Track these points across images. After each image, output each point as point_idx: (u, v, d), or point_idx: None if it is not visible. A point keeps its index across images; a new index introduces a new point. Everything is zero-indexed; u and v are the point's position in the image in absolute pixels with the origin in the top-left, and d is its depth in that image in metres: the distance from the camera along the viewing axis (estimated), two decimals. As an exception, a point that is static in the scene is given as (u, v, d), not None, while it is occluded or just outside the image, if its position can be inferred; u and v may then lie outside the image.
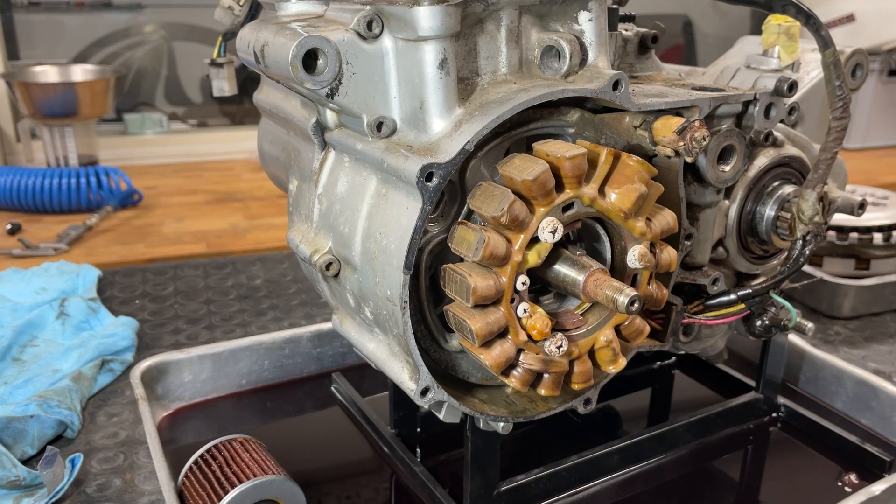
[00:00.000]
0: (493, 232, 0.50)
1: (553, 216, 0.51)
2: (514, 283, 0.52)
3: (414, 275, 0.55)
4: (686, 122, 0.52)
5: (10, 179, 1.56)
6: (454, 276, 0.52)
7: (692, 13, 2.77)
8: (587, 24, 0.59)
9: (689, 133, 0.52)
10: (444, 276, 0.53)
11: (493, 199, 0.50)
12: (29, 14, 2.17)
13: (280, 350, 0.98)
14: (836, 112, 0.67)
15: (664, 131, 0.54)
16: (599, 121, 0.53)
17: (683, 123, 0.52)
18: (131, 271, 1.29)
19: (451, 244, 0.52)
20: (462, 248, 0.51)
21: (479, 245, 0.49)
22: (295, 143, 0.69)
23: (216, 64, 0.87)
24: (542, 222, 0.51)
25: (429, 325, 0.60)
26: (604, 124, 0.53)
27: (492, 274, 0.51)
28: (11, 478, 0.75)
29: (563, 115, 0.52)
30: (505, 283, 0.51)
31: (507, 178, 0.51)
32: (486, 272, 0.51)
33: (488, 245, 0.49)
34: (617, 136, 0.55)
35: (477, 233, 0.50)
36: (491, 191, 0.51)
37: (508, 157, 0.52)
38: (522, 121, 0.56)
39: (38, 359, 0.97)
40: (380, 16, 0.54)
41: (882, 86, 2.14)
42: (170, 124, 2.24)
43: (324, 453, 0.88)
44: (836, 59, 0.65)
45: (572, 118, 0.52)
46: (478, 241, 0.49)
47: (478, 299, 0.50)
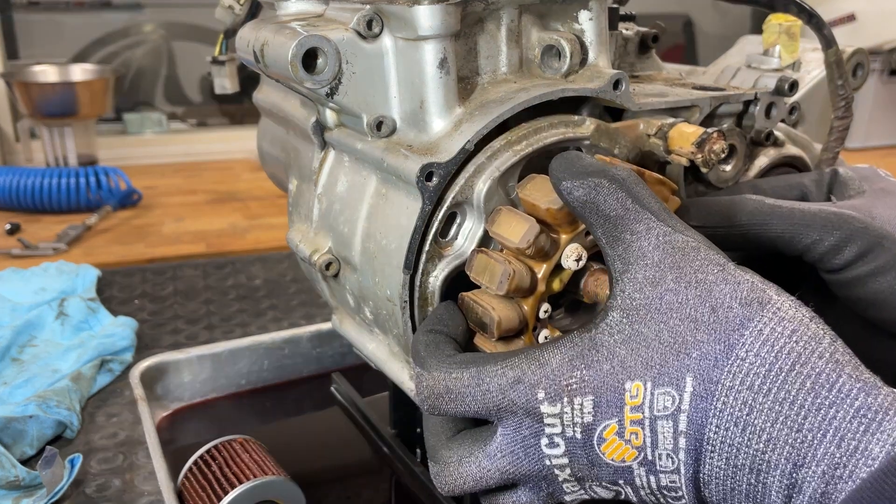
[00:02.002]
0: (516, 262, 0.48)
1: (577, 242, 0.49)
2: (536, 312, 0.50)
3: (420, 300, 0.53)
4: (704, 133, 0.51)
5: (10, 179, 1.55)
6: (474, 307, 0.49)
7: (693, 12, 2.77)
8: (587, 23, 0.59)
9: (707, 145, 0.51)
10: (462, 306, 0.51)
11: (516, 228, 0.47)
12: (28, 14, 2.17)
13: (280, 350, 0.98)
14: (839, 112, 0.66)
15: (681, 141, 0.52)
16: (614, 130, 0.52)
17: (702, 135, 0.51)
18: (131, 271, 1.29)
19: (469, 272, 0.50)
20: (484, 278, 0.48)
21: (505, 278, 0.47)
22: (294, 142, 0.69)
23: (218, 62, 0.87)
24: (567, 250, 0.48)
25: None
26: (618, 133, 0.52)
27: (515, 305, 0.49)
28: (11, 478, 0.75)
29: (578, 127, 0.51)
30: (528, 313, 0.49)
31: (529, 203, 0.49)
32: (509, 303, 0.48)
33: (514, 279, 0.47)
34: (630, 145, 0.55)
35: (501, 264, 0.47)
36: (513, 218, 0.48)
37: (527, 179, 0.50)
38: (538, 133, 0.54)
39: (37, 359, 0.97)
40: (379, 15, 0.54)
41: (883, 85, 2.14)
42: (169, 124, 2.24)
43: (324, 453, 0.88)
44: (838, 58, 0.65)
45: (588, 130, 0.51)
46: (502, 274, 0.47)
47: (502, 333, 0.48)
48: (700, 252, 0.40)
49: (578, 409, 0.40)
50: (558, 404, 0.40)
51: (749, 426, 0.36)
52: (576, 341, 0.41)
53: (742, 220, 0.50)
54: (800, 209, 0.49)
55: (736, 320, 0.38)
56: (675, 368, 0.38)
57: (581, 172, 0.43)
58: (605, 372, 0.39)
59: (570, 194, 0.43)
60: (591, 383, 0.40)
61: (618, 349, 0.40)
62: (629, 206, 0.42)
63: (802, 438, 0.35)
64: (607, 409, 0.39)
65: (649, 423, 0.39)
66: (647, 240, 0.41)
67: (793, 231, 0.49)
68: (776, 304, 0.38)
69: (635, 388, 0.39)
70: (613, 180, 0.42)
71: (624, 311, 0.40)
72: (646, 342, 0.39)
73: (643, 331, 0.39)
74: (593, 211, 0.42)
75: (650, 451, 0.39)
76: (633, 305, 0.40)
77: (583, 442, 0.40)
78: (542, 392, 0.40)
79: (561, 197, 0.44)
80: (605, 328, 0.40)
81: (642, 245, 0.41)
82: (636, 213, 0.41)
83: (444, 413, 0.44)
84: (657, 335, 0.39)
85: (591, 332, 0.41)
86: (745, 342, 0.37)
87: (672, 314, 0.39)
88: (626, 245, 0.41)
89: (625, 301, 0.40)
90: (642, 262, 0.41)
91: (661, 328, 0.39)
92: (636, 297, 0.40)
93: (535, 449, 0.42)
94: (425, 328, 0.48)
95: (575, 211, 0.44)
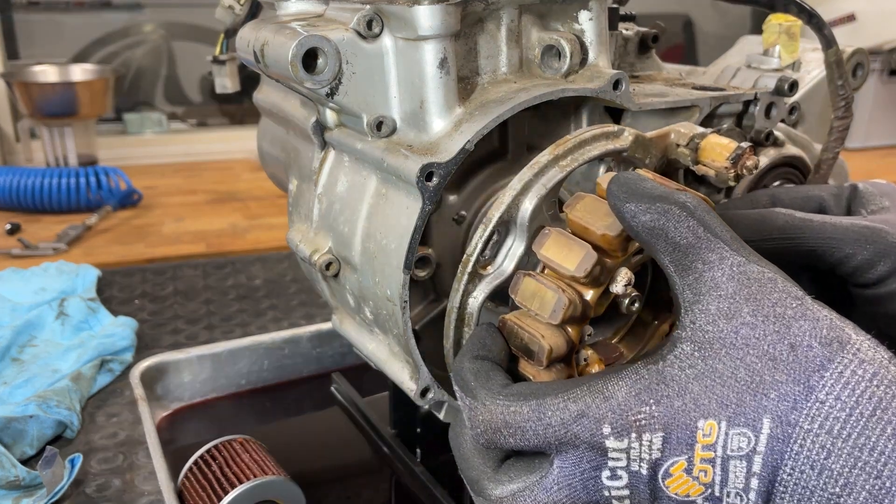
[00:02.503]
0: (569, 289, 0.45)
1: (625, 266, 0.47)
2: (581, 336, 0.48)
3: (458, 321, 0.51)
4: (739, 148, 0.50)
5: (10, 179, 1.55)
6: (519, 333, 0.46)
7: (692, 12, 2.77)
8: (587, 23, 0.59)
9: (742, 161, 0.51)
10: (504, 329, 0.48)
11: (571, 255, 0.44)
12: (28, 14, 2.17)
13: (280, 350, 0.98)
14: (839, 112, 0.66)
15: (713, 154, 0.51)
16: (649, 141, 0.52)
17: (737, 151, 0.50)
18: (130, 271, 1.29)
19: (514, 295, 0.47)
20: (533, 304, 0.45)
21: (560, 308, 0.44)
22: (294, 142, 0.69)
23: (219, 61, 0.88)
24: (617, 275, 0.46)
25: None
26: (651, 144, 0.52)
27: (562, 331, 0.46)
28: (11, 478, 0.75)
29: (618, 139, 0.50)
30: (574, 337, 0.47)
31: (581, 226, 0.46)
32: (556, 329, 0.46)
33: (569, 309, 0.44)
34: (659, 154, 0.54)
35: (554, 292, 0.44)
36: (565, 243, 0.45)
37: (575, 199, 0.47)
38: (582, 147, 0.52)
39: (37, 359, 0.97)
40: (380, 15, 0.54)
41: (883, 85, 2.14)
42: (169, 124, 2.24)
43: (324, 453, 0.88)
44: (838, 58, 0.65)
45: (627, 141, 0.50)
46: (557, 303, 0.44)
47: (550, 360, 0.46)
48: (777, 284, 0.39)
49: (647, 445, 0.38)
50: (625, 439, 0.38)
51: (826, 470, 0.35)
52: (642, 373, 0.39)
53: (773, 235, 0.49)
54: (831, 223, 0.49)
55: (816, 360, 0.37)
56: (751, 409, 0.37)
57: (646, 196, 0.41)
58: (675, 408, 0.38)
59: (634, 219, 0.41)
60: (661, 420, 0.38)
61: (690, 385, 0.38)
62: (700, 234, 0.40)
63: (881, 485, 0.34)
64: (677, 445, 0.38)
65: (721, 461, 0.37)
66: (720, 270, 0.39)
67: (825, 245, 0.48)
68: (855, 344, 0.37)
69: (708, 427, 0.37)
70: (683, 207, 0.40)
71: (695, 344, 0.39)
72: (721, 379, 0.37)
73: (718, 367, 0.38)
74: (661, 238, 0.41)
75: (718, 488, 0.38)
76: (707, 339, 0.38)
77: (648, 477, 0.39)
78: (608, 427, 0.39)
79: (622, 221, 0.42)
80: (674, 361, 0.39)
81: (715, 275, 0.39)
82: (708, 241, 0.40)
83: (500, 447, 0.42)
84: (733, 373, 0.37)
85: (659, 365, 0.39)
86: (825, 384, 0.36)
87: (749, 350, 0.37)
88: (697, 274, 0.40)
89: (696, 333, 0.39)
90: (715, 292, 0.39)
91: (738, 365, 0.37)
92: (709, 329, 0.39)
93: (594, 481, 0.40)
94: (470, 354, 0.45)
95: (638, 236, 0.42)
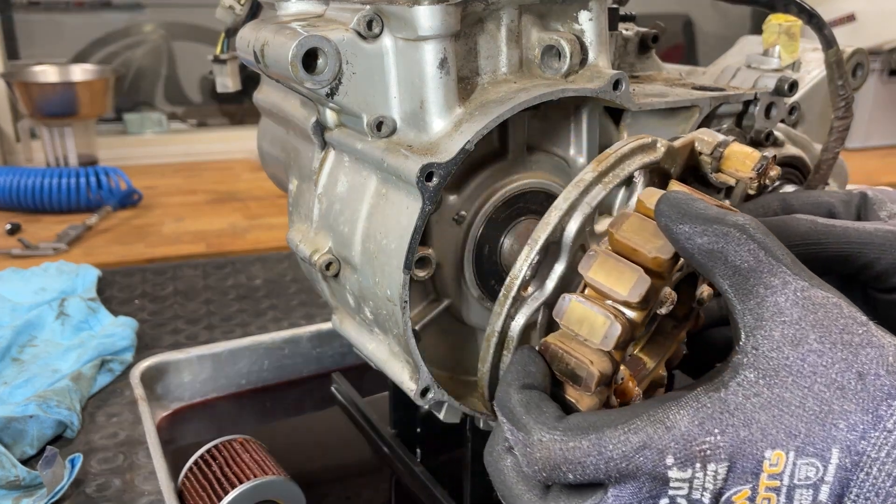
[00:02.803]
0: (618, 314, 0.44)
1: (668, 285, 0.46)
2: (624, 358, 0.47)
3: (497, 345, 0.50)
4: (763, 159, 0.50)
5: (10, 179, 1.55)
6: (564, 358, 0.45)
7: (692, 13, 2.77)
8: (587, 23, 0.59)
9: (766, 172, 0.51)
10: (547, 353, 0.46)
11: (622, 279, 0.43)
12: (28, 14, 2.17)
13: (280, 350, 0.98)
14: (839, 112, 0.66)
15: (737, 164, 0.51)
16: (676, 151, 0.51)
17: (761, 161, 0.50)
18: (131, 271, 1.29)
19: (559, 319, 0.45)
20: (581, 330, 0.44)
21: (613, 335, 0.43)
22: (294, 142, 0.69)
23: (219, 60, 0.88)
24: (663, 296, 0.46)
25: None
26: (678, 154, 0.52)
27: (608, 355, 0.45)
28: (11, 478, 0.75)
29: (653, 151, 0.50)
30: (617, 359, 0.45)
31: (629, 248, 0.44)
32: (603, 354, 0.44)
33: (622, 336, 0.43)
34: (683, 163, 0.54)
35: (605, 318, 0.43)
36: (614, 266, 0.44)
37: (620, 218, 0.45)
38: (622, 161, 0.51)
39: (37, 359, 0.97)
40: (380, 15, 0.54)
41: (882, 86, 2.14)
42: (169, 124, 2.24)
43: (324, 453, 0.88)
44: (838, 58, 0.65)
45: (660, 153, 0.50)
46: (610, 329, 0.43)
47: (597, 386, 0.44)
48: (843, 309, 0.38)
49: (711, 475, 0.38)
50: (689, 469, 0.38)
51: (891, 497, 0.35)
52: (703, 401, 0.38)
53: (796, 241, 0.48)
54: (854, 228, 0.48)
55: (884, 389, 0.36)
56: (821, 439, 0.36)
57: (700, 218, 0.40)
58: (741, 438, 0.37)
59: (689, 241, 0.41)
60: (726, 449, 0.37)
61: (757, 415, 0.37)
62: (762, 257, 0.39)
63: None
64: (742, 474, 0.37)
65: (786, 490, 0.37)
66: (783, 295, 0.38)
67: (849, 250, 0.48)
68: None
69: (776, 457, 0.37)
70: (742, 230, 0.40)
71: (760, 371, 0.38)
72: (789, 409, 0.37)
73: (785, 396, 0.37)
74: (720, 261, 0.40)
75: None
76: (772, 366, 0.38)
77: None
78: (672, 457, 0.38)
79: (675, 243, 0.42)
80: (737, 388, 0.38)
81: (778, 300, 0.38)
82: (770, 265, 0.39)
83: (559, 482, 0.41)
84: (801, 402, 0.37)
85: (721, 393, 0.38)
86: (893, 413, 0.36)
87: (816, 378, 0.37)
88: (759, 299, 0.39)
89: (760, 360, 0.38)
90: (779, 318, 0.38)
91: (806, 394, 0.37)
92: (773, 356, 0.38)
93: None
94: (516, 384, 0.44)
95: (693, 259, 0.41)
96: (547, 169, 0.62)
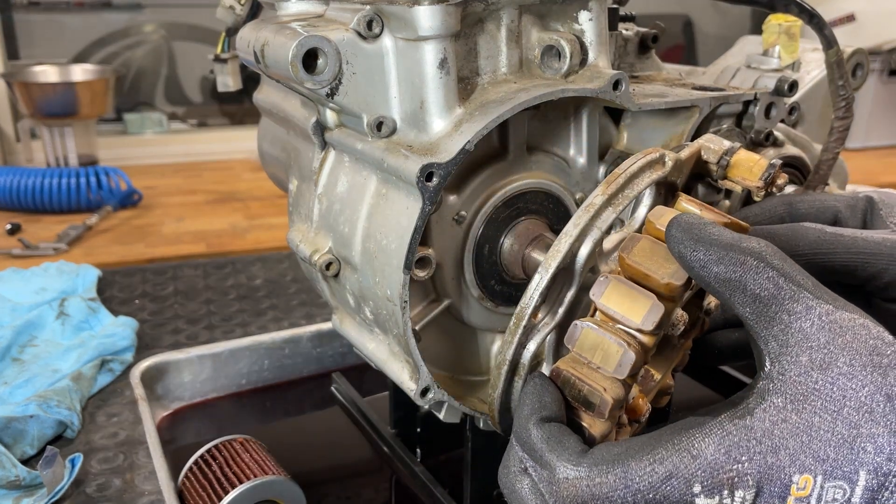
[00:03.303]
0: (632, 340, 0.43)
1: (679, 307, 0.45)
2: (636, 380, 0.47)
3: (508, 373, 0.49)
4: (770, 167, 0.50)
5: (10, 179, 1.55)
6: (577, 385, 0.44)
7: (692, 13, 2.77)
8: (587, 23, 0.59)
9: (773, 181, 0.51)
10: (559, 380, 0.45)
11: (636, 307, 0.43)
12: (29, 14, 2.17)
13: (280, 350, 0.98)
14: (839, 112, 0.66)
15: (744, 172, 0.51)
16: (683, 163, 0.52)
17: (769, 169, 0.50)
18: (131, 271, 1.29)
19: (570, 346, 0.45)
20: (595, 357, 0.44)
21: (627, 363, 0.42)
22: (295, 142, 0.69)
23: (220, 59, 0.88)
24: (673, 319, 0.45)
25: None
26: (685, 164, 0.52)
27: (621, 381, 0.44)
28: (11, 478, 0.75)
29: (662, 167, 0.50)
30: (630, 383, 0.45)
31: (641, 273, 0.44)
32: (616, 380, 0.44)
33: (636, 364, 0.43)
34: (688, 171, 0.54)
35: (618, 345, 0.43)
36: (627, 293, 0.43)
37: (630, 242, 0.45)
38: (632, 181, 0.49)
39: (37, 359, 0.97)
40: (380, 15, 0.54)
41: (882, 86, 2.14)
42: (170, 124, 2.24)
43: (324, 453, 0.88)
44: (839, 58, 0.65)
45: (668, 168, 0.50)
46: (624, 358, 0.42)
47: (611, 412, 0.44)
48: (871, 330, 0.38)
49: (739, 501, 0.38)
50: (716, 496, 0.38)
51: None
52: (729, 429, 0.38)
53: (804, 250, 0.48)
54: (863, 238, 0.48)
55: None
56: (849, 462, 0.36)
57: (715, 245, 0.40)
58: (769, 464, 0.37)
59: (704, 269, 0.40)
60: (754, 476, 0.37)
61: (786, 441, 0.37)
62: (782, 284, 0.39)
63: None
64: (769, 499, 0.37)
65: None
66: (807, 320, 0.38)
67: (857, 260, 0.47)
68: None
69: (804, 482, 0.37)
70: (759, 257, 0.39)
71: (787, 397, 0.38)
72: (818, 434, 0.37)
73: (814, 421, 0.37)
74: (738, 289, 0.40)
75: None
76: (801, 391, 0.37)
77: None
78: (699, 486, 0.38)
79: (689, 270, 0.41)
80: (763, 415, 0.38)
81: (803, 326, 0.38)
82: (791, 291, 0.39)
83: None
84: (830, 426, 0.37)
85: (747, 420, 0.38)
86: None
87: (846, 402, 0.37)
88: (783, 325, 0.39)
89: (787, 385, 0.38)
90: (805, 343, 0.38)
91: (835, 418, 0.37)
92: (802, 381, 0.37)
93: None
94: (534, 417, 0.43)
95: (709, 287, 0.41)
96: (547, 169, 0.62)
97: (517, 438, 0.44)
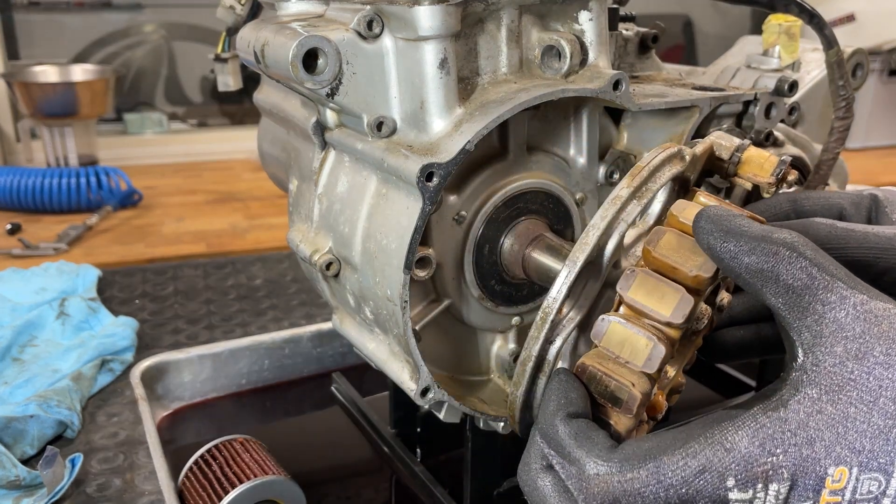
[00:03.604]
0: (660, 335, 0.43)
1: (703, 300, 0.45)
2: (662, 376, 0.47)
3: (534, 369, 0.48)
4: (781, 164, 0.50)
5: (10, 179, 1.55)
6: (604, 380, 0.44)
7: (692, 13, 2.78)
8: (587, 23, 0.59)
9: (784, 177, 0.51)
10: (585, 375, 0.45)
11: (665, 300, 0.43)
12: (29, 14, 2.17)
13: (280, 350, 0.98)
14: (840, 112, 0.66)
15: (754, 169, 0.51)
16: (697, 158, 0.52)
17: (780, 166, 0.50)
18: (131, 271, 1.29)
19: (597, 341, 0.44)
20: (623, 352, 0.43)
21: (657, 358, 0.42)
22: (295, 142, 0.69)
23: (221, 59, 0.88)
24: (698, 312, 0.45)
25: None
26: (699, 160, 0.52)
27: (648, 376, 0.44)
28: (11, 478, 0.75)
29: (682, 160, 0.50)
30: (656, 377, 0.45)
31: (668, 266, 0.43)
32: (643, 375, 0.44)
33: (665, 358, 0.42)
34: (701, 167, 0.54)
35: (647, 339, 0.42)
36: (656, 286, 0.43)
37: (655, 235, 0.44)
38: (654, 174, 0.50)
39: (37, 359, 0.97)
40: (380, 15, 0.54)
41: (882, 86, 2.14)
42: (170, 124, 2.24)
43: (324, 453, 0.88)
44: (839, 58, 0.65)
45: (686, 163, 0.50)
46: (653, 352, 0.42)
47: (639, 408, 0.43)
48: None
49: (773, 494, 0.37)
50: (750, 490, 0.37)
51: None
52: (762, 421, 0.38)
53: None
54: (874, 233, 0.48)
55: None
56: (884, 453, 0.36)
57: (745, 236, 0.40)
58: (804, 457, 0.37)
59: (734, 260, 0.40)
60: (789, 469, 0.37)
61: (821, 433, 0.37)
62: (815, 274, 0.39)
63: None
64: (804, 491, 0.37)
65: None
66: (842, 310, 0.38)
67: (870, 255, 0.47)
68: None
69: (839, 474, 0.37)
70: (792, 248, 0.39)
71: (822, 388, 0.37)
72: (854, 425, 0.36)
73: (850, 411, 0.37)
74: (771, 280, 0.39)
75: None
76: (836, 382, 0.37)
77: None
78: (732, 479, 0.37)
79: (719, 262, 0.41)
80: (797, 406, 0.37)
81: (838, 316, 0.38)
82: (825, 281, 0.38)
83: None
84: (867, 417, 0.36)
85: (781, 412, 0.38)
86: None
87: (882, 392, 0.36)
88: (817, 316, 0.38)
89: (822, 376, 0.37)
90: (840, 333, 0.38)
91: (871, 409, 0.36)
92: (837, 371, 0.37)
93: None
94: (561, 413, 0.42)
95: (740, 278, 0.41)
96: (547, 169, 0.62)
97: (542, 435, 0.43)
